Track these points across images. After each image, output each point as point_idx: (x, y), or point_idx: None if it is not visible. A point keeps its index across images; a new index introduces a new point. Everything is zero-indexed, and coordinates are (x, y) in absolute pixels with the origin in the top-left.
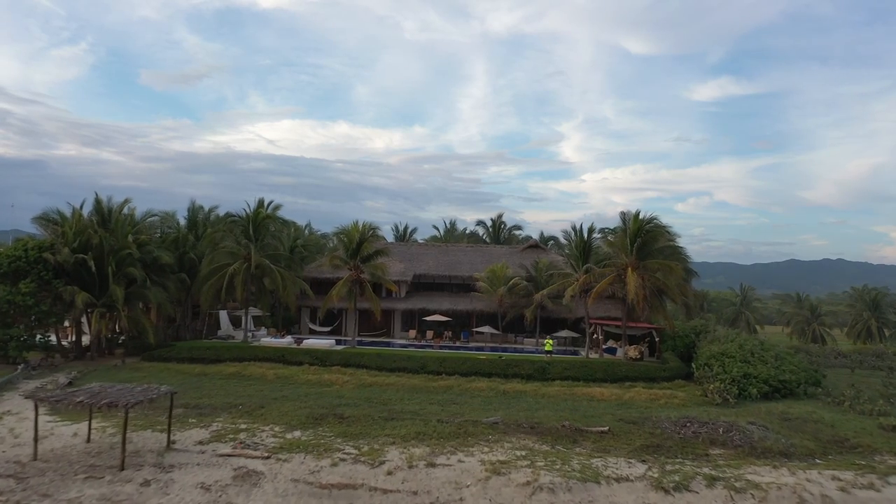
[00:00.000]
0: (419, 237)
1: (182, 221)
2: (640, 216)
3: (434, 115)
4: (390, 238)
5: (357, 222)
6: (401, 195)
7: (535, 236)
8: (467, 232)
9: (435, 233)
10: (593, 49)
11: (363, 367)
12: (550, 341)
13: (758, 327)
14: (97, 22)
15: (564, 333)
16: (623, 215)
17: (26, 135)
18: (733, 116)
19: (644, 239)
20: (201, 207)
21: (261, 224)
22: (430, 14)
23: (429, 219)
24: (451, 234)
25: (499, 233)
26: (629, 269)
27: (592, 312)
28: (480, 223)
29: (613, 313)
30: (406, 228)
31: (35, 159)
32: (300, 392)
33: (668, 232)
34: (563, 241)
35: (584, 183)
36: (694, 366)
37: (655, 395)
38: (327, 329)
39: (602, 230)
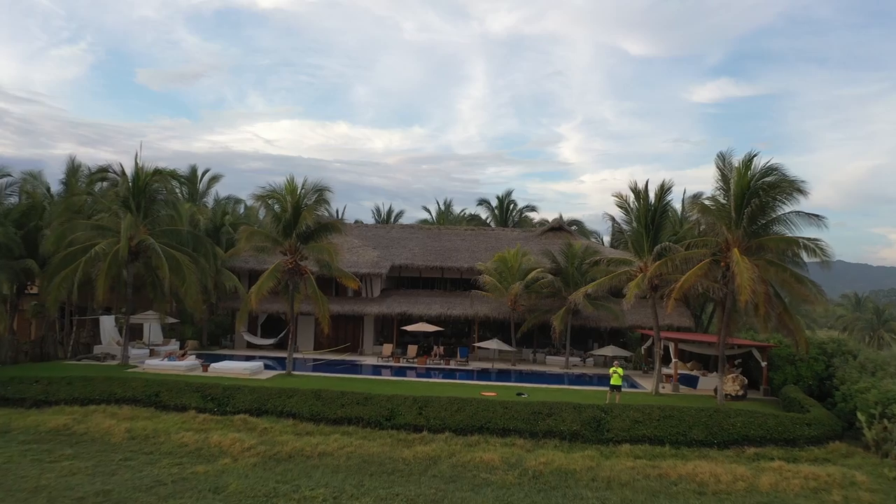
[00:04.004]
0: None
1: (58, 188)
2: (752, 163)
3: (433, 116)
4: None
5: (293, 178)
6: (399, 195)
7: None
8: (466, 215)
9: (426, 216)
10: (592, 50)
11: (288, 414)
12: (620, 370)
13: (808, 332)
14: (97, 22)
15: (609, 351)
16: (721, 160)
17: (24, 134)
18: (732, 118)
19: (761, 201)
20: (81, 167)
21: (147, 185)
22: (429, 15)
23: (426, 216)
24: (446, 218)
25: (507, 215)
26: (734, 250)
27: (645, 320)
28: (483, 202)
29: (677, 321)
30: (390, 212)
31: (33, 158)
32: (145, 479)
33: (799, 189)
34: (588, 226)
35: (583, 184)
36: (860, 417)
37: (815, 478)
38: (270, 341)
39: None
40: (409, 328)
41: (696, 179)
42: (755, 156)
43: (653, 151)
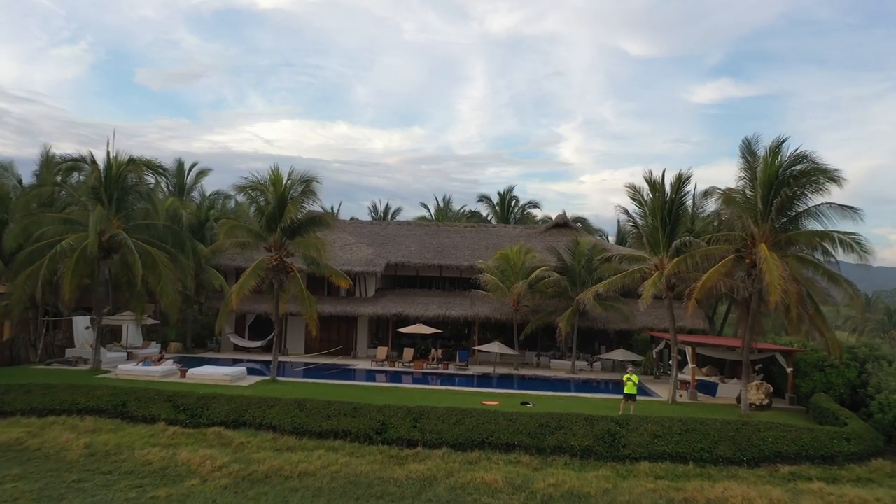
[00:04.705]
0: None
1: (30, 181)
2: (782, 149)
3: (433, 116)
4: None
5: (278, 168)
6: (398, 195)
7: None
8: (466, 212)
9: (425, 214)
10: (593, 51)
11: (268, 427)
12: (634, 377)
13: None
14: (97, 22)
15: (619, 355)
16: (746, 146)
17: (23, 134)
18: (732, 118)
19: (791, 191)
20: (54, 158)
21: (121, 176)
22: (429, 15)
23: (424, 214)
24: (445, 215)
25: (509, 211)
26: (762, 246)
27: (656, 322)
28: (484, 198)
29: (691, 323)
30: (387, 209)
31: (33, 158)
32: None
33: (832, 178)
34: (593, 224)
35: (582, 184)
36: None
37: (861, 503)
38: (258, 344)
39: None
40: (405, 330)
41: (697, 180)
42: (784, 141)
43: (653, 152)
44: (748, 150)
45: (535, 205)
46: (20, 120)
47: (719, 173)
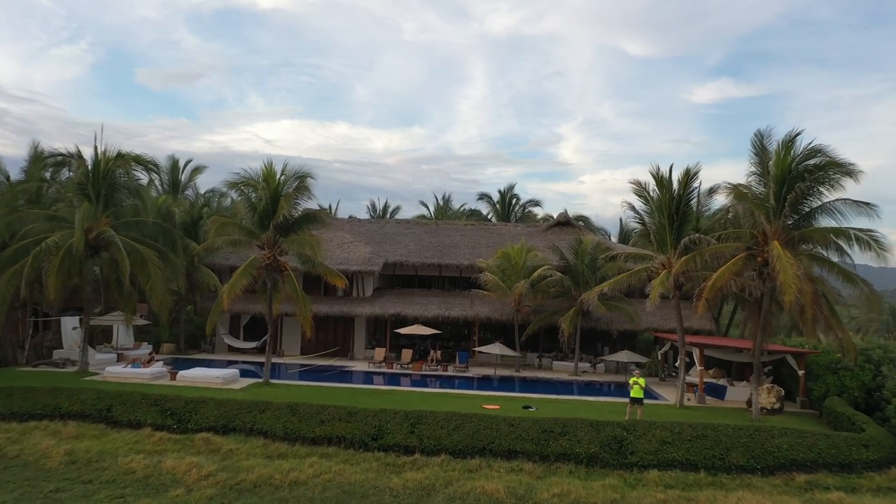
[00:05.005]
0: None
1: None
2: (795, 143)
3: (433, 116)
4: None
5: (271, 163)
6: (398, 195)
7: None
8: (466, 210)
9: (424, 212)
10: (592, 51)
11: (259, 433)
12: (641, 381)
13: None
14: (97, 22)
15: (623, 356)
16: (758, 140)
17: (23, 133)
18: (732, 118)
19: (805, 186)
20: (43, 154)
21: (109, 172)
22: (429, 15)
23: (424, 212)
24: (445, 214)
25: (510, 210)
26: (774, 243)
27: (661, 322)
28: (484, 197)
29: (697, 324)
30: (385, 207)
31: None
32: None
33: (848, 173)
34: (595, 223)
35: (582, 184)
36: None
37: None
38: (252, 345)
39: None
40: (403, 331)
41: (699, 179)
42: (797, 135)
43: (653, 152)
44: (760, 145)
45: (537, 203)
46: (20, 120)
47: (719, 173)
